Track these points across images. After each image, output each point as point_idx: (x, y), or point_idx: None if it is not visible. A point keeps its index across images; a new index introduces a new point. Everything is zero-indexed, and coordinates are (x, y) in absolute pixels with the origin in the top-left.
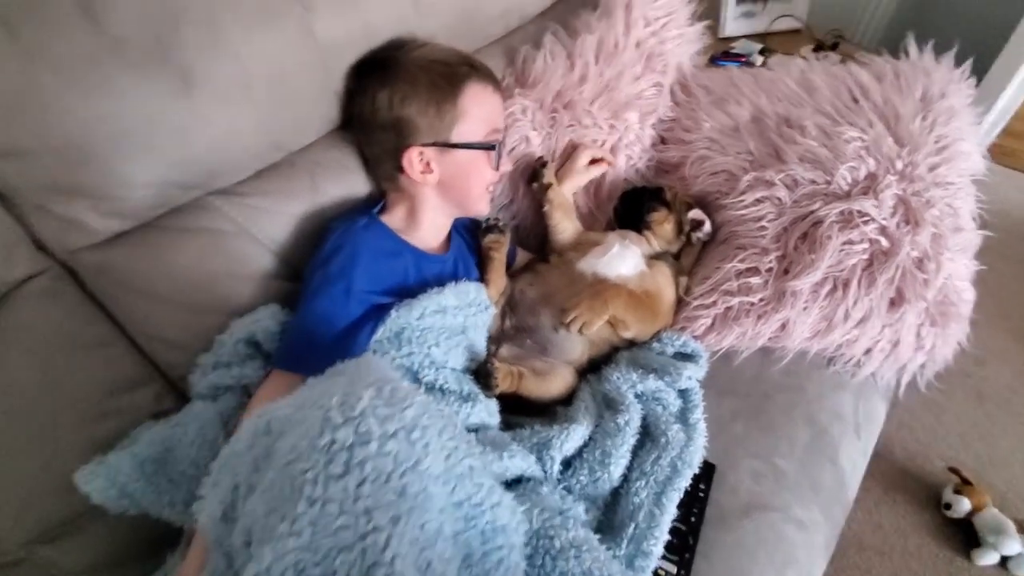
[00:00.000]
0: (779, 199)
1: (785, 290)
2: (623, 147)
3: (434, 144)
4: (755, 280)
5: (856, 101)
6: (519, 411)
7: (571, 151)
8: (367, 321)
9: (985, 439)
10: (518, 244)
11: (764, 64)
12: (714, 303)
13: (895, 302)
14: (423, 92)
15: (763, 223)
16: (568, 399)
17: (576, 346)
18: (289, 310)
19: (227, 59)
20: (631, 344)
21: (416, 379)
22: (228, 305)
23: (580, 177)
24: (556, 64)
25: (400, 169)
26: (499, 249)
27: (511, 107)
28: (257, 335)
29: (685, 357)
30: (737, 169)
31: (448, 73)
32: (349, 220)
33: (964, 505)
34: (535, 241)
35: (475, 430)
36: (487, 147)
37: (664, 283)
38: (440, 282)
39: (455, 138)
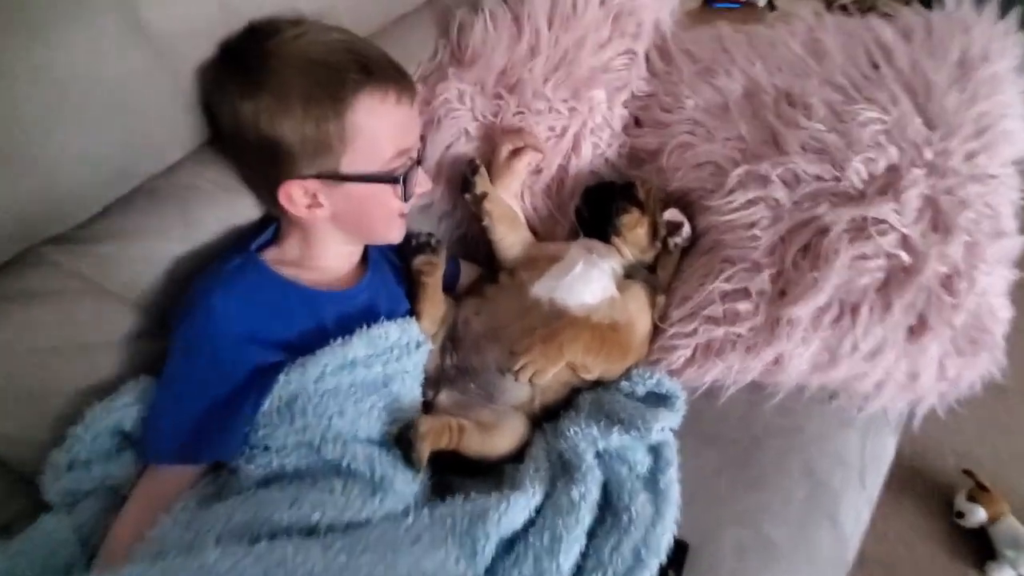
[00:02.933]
0: (776, 200)
1: (780, 317)
2: (587, 133)
3: (318, 176)
4: (744, 306)
5: (876, 68)
6: (459, 469)
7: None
8: (249, 390)
9: (1005, 434)
10: (466, 258)
11: (770, 5)
12: (695, 331)
13: (915, 330)
14: (298, 107)
15: (755, 231)
16: (519, 454)
17: (527, 391)
18: None
19: (32, 68)
20: (595, 383)
21: (319, 456)
22: (82, 384)
23: (511, 176)
24: (500, 33)
25: (278, 203)
26: (432, 273)
27: (444, 92)
28: (124, 423)
29: (659, 399)
30: (725, 160)
31: (331, 81)
32: (221, 261)
33: (979, 514)
34: (487, 251)
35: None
36: (387, 180)
37: (637, 311)
38: (347, 326)
39: (346, 167)
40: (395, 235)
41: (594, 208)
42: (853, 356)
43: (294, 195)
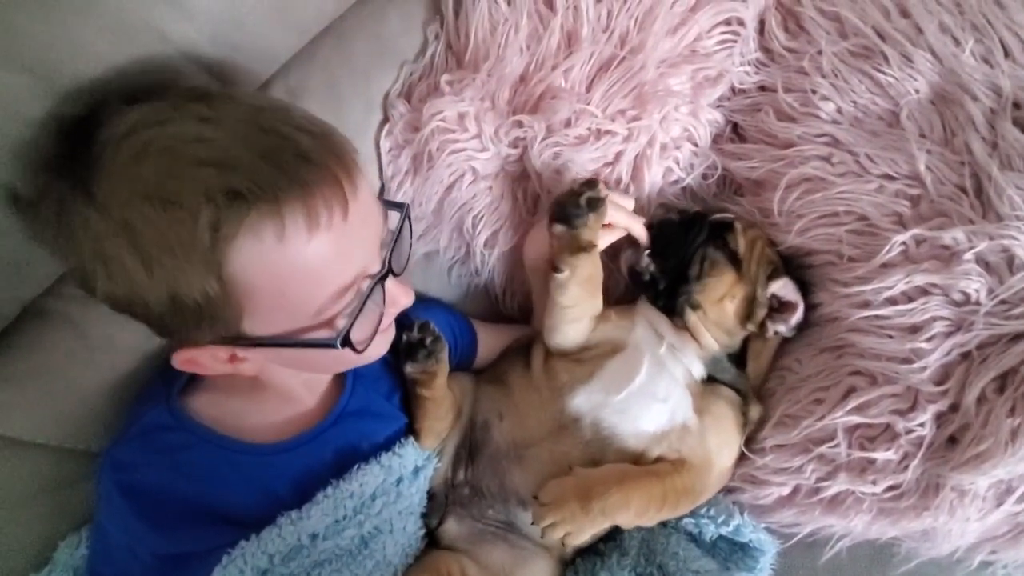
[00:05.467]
0: (966, 296)
1: (943, 483)
2: (656, 154)
3: (221, 342)
4: (884, 454)
5: None
6: None
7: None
8: None
9: None
10: (488, 316)
11: None
12: (800, 468)
13: None
14: (140, 269)
15: (921, 339)
16: None
17: None
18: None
19: None
20: None
21: None
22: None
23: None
24: (517, 13)
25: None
26: (430, 383)
27: (436, 114)
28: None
29: (733, 547)
30: (883, 213)
31: (183, 221)
32: (137, 403)
33: None
34: (520, 303)
35: None
36: (317, 344)
37: (720, 446)
38: (308, 484)
39: (253, 329)
40: (371, 357)
41: (665, 257)
42: None
43: (200, 360)
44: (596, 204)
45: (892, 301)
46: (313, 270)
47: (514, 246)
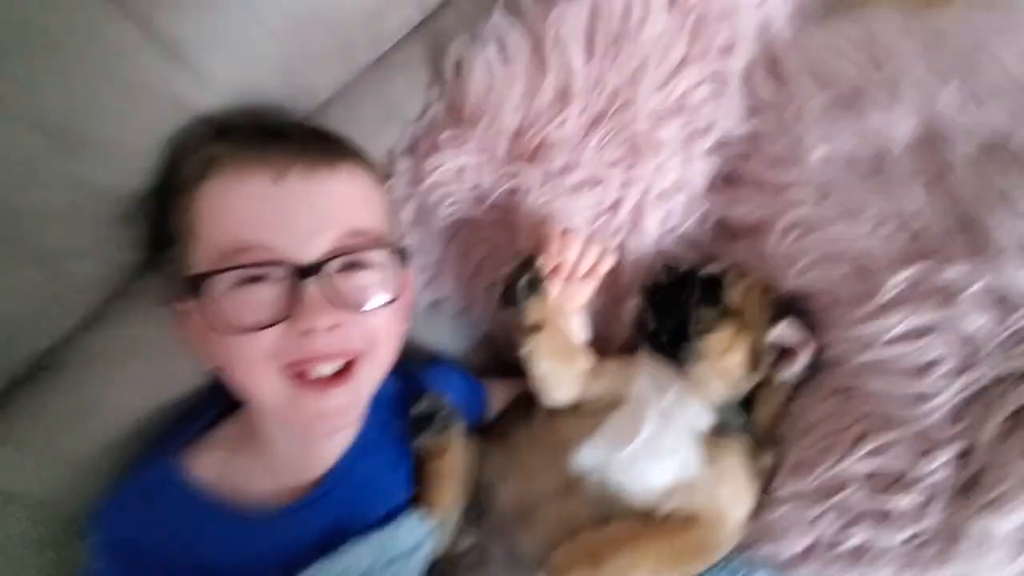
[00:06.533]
0: (969, 334)
1: (965, 529)
2: (651, 202)
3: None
4: (902, 501)
5: None
6: None
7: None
8: None
9: None
10: (495, 368)
11: None
12: (818, 519)
13: None
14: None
15: (927, 381)
16: None
17: None
18: None
19: None
20: None
21: None
22: None
23: (575, 298)
24: (512, 73)
25: None
26: (441, 457)
27: (435, 169)
28: None
29: None
30: (878, 253)
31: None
32: (132, 469)
33: None
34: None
35: None
36: (191, 285)
37: (732, 499)
38: (295, 560)
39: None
40: (276, 407)
41: (664, 311)
42: None
43: (188, 320)
44: (535, 285)
45: (893, 342)
46: (251, 213)
47: None
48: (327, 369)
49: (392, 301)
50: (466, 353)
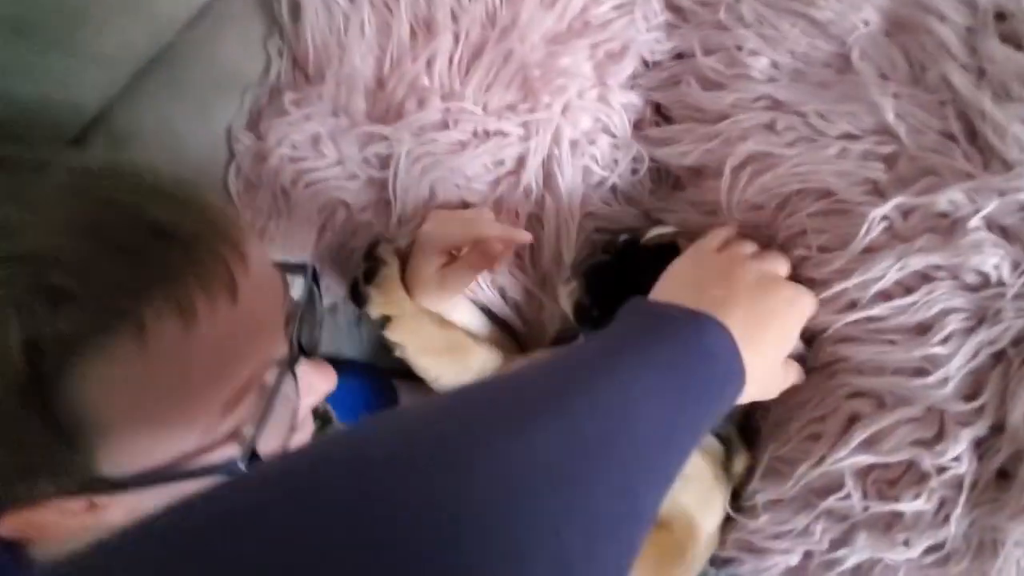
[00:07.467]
0: (982, 275)
1: (1001, 537)
2: (566, 152)
3: (71, 493)
4: (913, 505)
5: None
6: None
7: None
8: None
9: None
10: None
11: None
12: (807, 531)
13: None
14: None
15: (934, 345)
16: None
17: None
18: None
19: None
20: None
21: None
22: None
23: (446, 288)
24: (357, 7)
25: None
26: None
27: (282, 141)
28: None
29: None
30: (852, 185)
31: None
32: None
33: None
34: None
35: None
36: (210, 472)
37: (698, 504)
38: None
39: (115, 469)
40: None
41: (607, 299)
42: None
43: (38, 520)
44: (371, 276)
45: (885, 296)
46: (194, 376)
47: None
48: None
49: None
50: (377, 364)
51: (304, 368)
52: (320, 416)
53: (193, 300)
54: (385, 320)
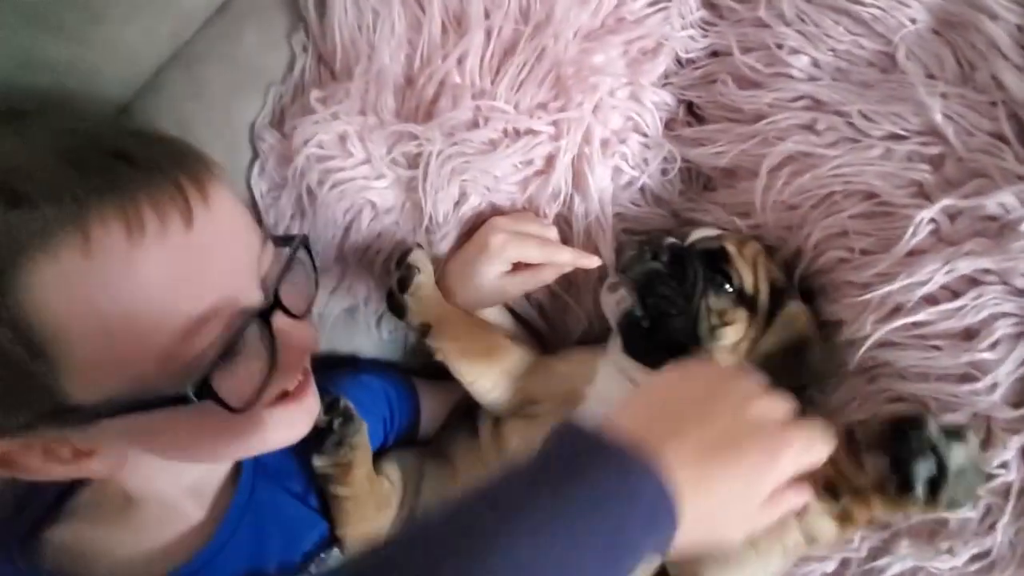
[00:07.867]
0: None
1: None
2: (596, 152)
3: (44, 423)
4: (958, 514)
5: None
6: None
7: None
8: None
9: None
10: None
11: None
12: (847, 543)
13: None
14: None
15: (982, 350)
16: None
17: None
18: None
19: None
20: None
21: None
22: None
23: (492, 297)
24: (383, 6)
25: None
26: (344, 479)
27: (309, 140)
28: None
29: None
30: (897, 187)
31: None
32: None
33: None
34: None
35: None
36: (163, 403)
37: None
38: None
39: (77, 395)
40: (280, 439)
41: (660, 311)
42: None
43: (17, 457)
44: (406, 284)
45: (931, 300)
46: (144, 295)
47: None
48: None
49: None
50: (398, 363)
51: (288, 323)
52: (328, 404)
53: (142, 215)
54: (426, 328)
